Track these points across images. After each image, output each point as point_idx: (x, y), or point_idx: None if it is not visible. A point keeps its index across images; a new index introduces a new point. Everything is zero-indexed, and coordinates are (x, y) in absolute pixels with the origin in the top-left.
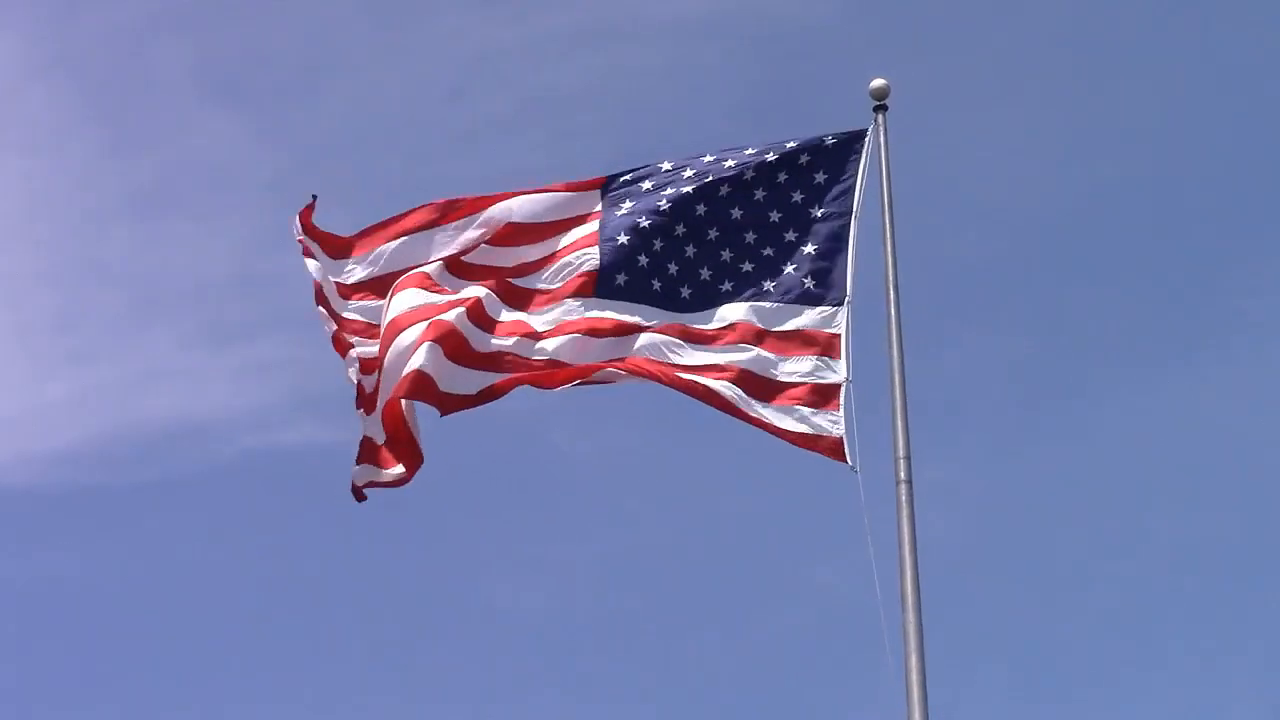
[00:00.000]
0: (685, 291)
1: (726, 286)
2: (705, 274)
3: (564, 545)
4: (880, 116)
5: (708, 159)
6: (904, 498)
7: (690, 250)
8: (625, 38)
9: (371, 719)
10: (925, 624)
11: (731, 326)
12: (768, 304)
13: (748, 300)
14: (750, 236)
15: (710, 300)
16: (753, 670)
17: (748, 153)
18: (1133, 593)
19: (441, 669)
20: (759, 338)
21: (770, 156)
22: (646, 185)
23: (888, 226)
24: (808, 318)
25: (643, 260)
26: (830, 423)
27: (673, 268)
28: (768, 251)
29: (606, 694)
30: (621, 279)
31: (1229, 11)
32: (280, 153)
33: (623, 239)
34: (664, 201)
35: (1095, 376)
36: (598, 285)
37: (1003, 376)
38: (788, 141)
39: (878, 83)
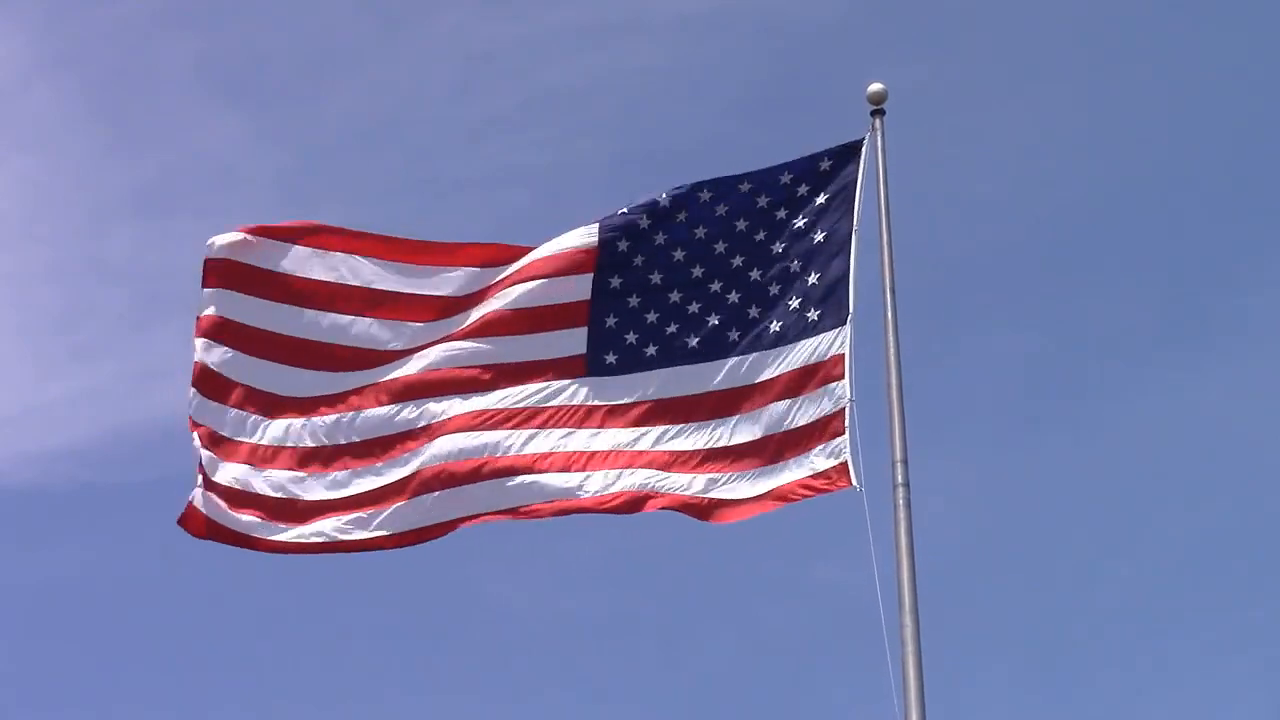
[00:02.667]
0: (693, 341)
1: (734, 335)
2: (713, 320)
3: (565, 542)
4: (878, 121)
5: (705, 196)
6: (901, 501)
7: (694, 307)
8: (628, 34)
9: (373, 716)
10: (926, 624)
11: (738, 391)
12: (775, 350)
13: (755, 351)
14: (755, 274)
15: (720, 349)
16: (753, 668)
17: (743, 188)
18: (1137, 591)
19: (442, 666)
20: (769, 392)
21: (763, 201)
22: (644, 223)
23: (885, 232)
24: (814, 351)
25: (631, 337)
26: (833, 454)
27: (673, 327)
28: (774, 290)
29: (607, 691)
30: (612, 357)
31: (1230, 9)
32: (283, 151)
33: (610, 320)
34: (657, 274)
35: (1099, 375)
36: (587, 366)
37: (1006, 375)
38: (784, 174)
39: (875, 87)
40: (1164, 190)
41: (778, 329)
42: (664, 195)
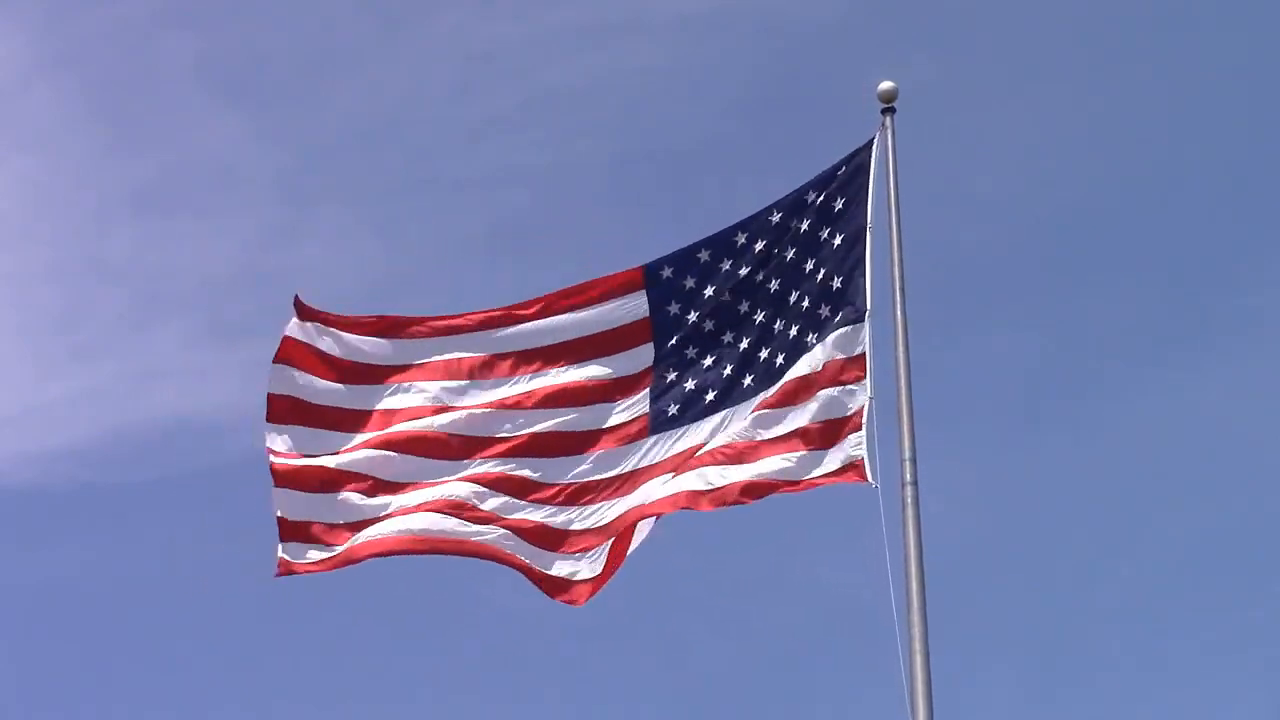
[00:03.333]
0: (748, 379)
1: (780, 360)
2: (764, 353)
3: None
4: (888, 119)
5: (740, 239)
6: (909, 499)
7: (745, 344)
8: (629, 34)
9: (375, 717)
10: (931, 623)
11: (779, 397)
12: (807, 356)
13: (796, 362)
14: (793, 297)
15: (772, 377)
16: (758, 668)
17: (774, 219)
18: (1139, 591)
19: (443, 666)
20: (798, 393)
21: (793, 221)
22: (689, 283)
23: (894, 230)
24: (838, 350)
25: (690, 385)
26: (851, 446)
27: (728, 368)
28: (806, 303)
29: (615, 695)
30: (674, 409)
31: (1235, 9)
32: (284, 150)
33: (671, 375)
34: (709, 322)
35: (1104, 374)
36: (651, 425)
37: (1008, 374)
38: (810, 193)
39: (886, 85)
40: (1168, 190)
41: (813, 340)
42: (704, 251)
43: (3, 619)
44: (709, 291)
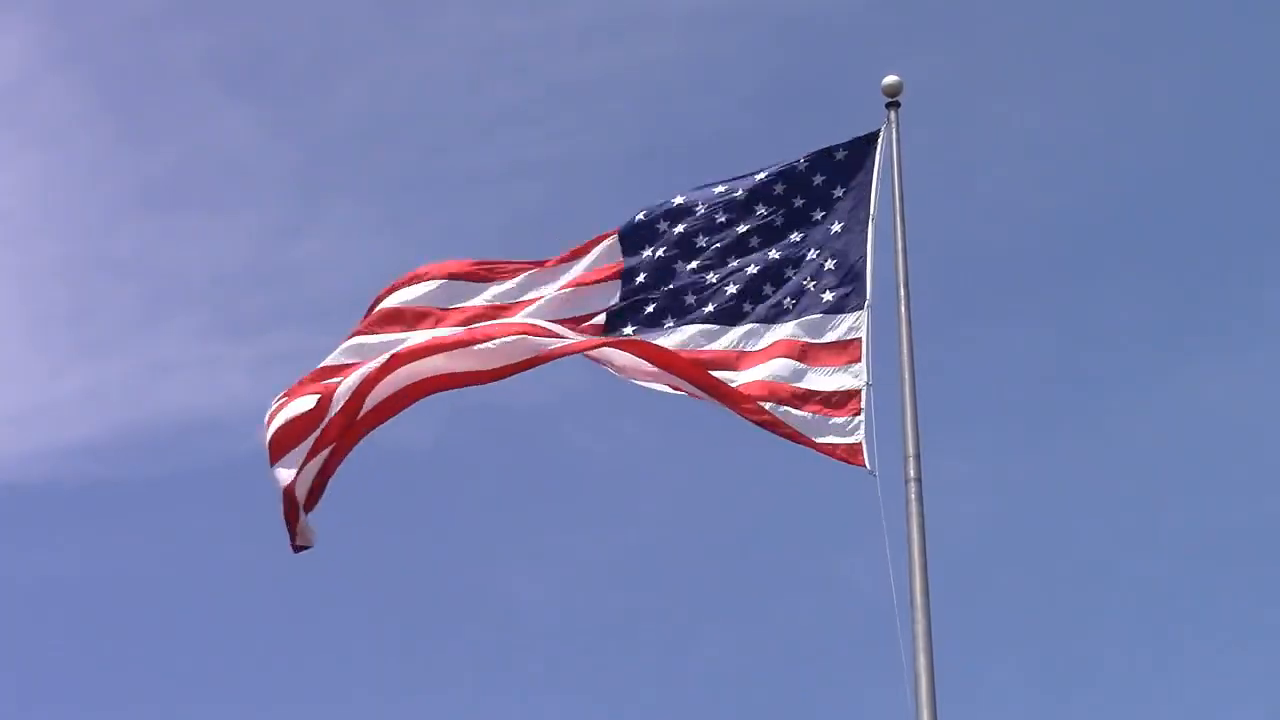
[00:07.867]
0: (709, 307)
1: (747, 306)
2: (730, 289)
3: (579, 540)
4: (893, 113)
5: (721, 188)
6: (913, 496)
7: (712, 277)
8: (642, 28)
9: (385, 713)
10: (937, 620)
11: (752, 350)
12: (791, 321)
13: (771, 321)
14: (774, 254)
15: (733, 318)
16: (767, 665)
17: (760, 177)
18: (1150, 589)
19: (454, 663)
20: (785, 352)
21: (780, 188)
22: (662, 226)
23: (899, 225)
24: (831, 330)
25: (650, 309)
26: (849, 428)
27: (691, 298)
28: (789, 272)
29: (621, 689)
30: (629, 329)
31: (1249, 3)
32: (295, 144)
33: (636, 313)
34: (679, 262)
35: (1111, 371)
36: (606, 327)
37: (1019, 371)
38: (800, 161)
39: (890, 80)
40: (1177, 185)
41: (790, 304)
42: (681, 197)
43: (13, 615)
44: (679, 229)
